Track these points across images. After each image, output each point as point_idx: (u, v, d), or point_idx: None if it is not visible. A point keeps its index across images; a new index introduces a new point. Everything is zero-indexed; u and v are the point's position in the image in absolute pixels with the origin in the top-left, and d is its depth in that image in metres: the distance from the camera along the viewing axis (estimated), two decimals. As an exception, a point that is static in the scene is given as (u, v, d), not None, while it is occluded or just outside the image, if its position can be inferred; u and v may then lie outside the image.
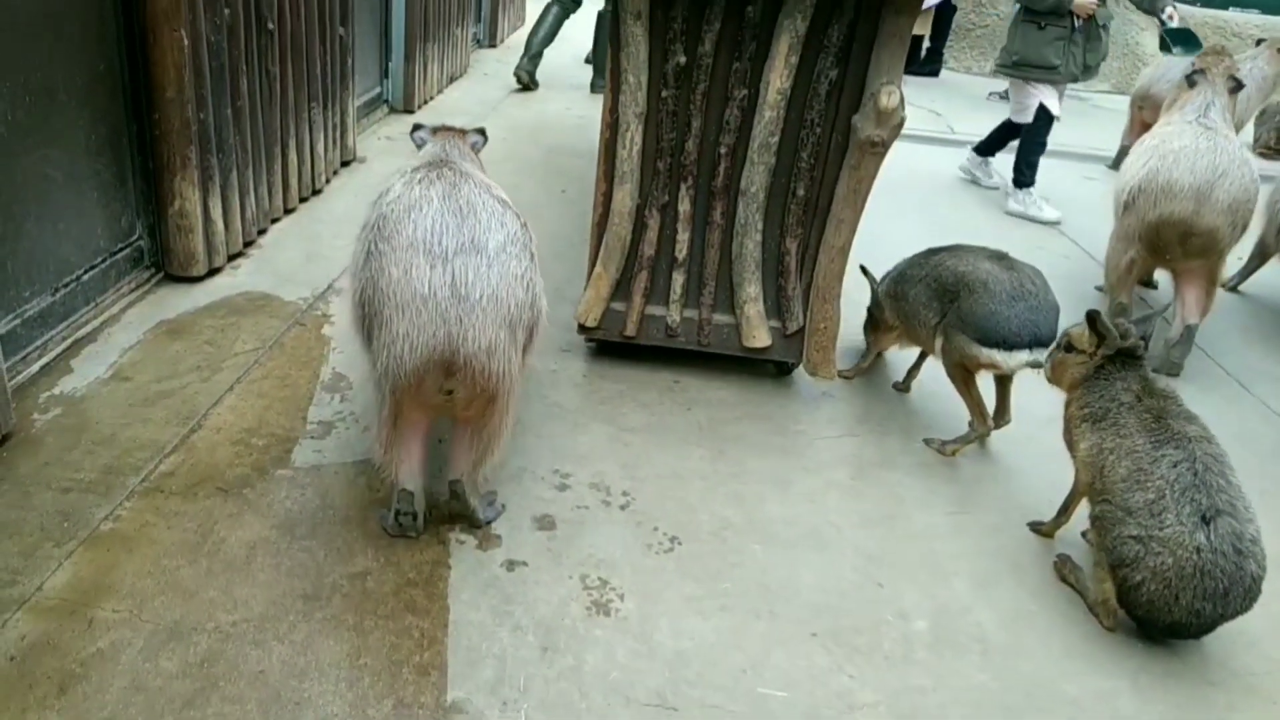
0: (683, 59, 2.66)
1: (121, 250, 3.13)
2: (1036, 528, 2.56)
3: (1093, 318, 2.29)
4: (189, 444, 2.49)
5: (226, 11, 3.20)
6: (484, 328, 1.92)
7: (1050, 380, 2.51)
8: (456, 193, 2.02)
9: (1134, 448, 2.16)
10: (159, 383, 2.73)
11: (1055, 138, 7.12)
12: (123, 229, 3.13)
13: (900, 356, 3.32)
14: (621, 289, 2.96)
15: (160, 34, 2.94)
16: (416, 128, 2.50)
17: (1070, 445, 2.39)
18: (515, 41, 8.46)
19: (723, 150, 2.76)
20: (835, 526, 2.50)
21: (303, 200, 4.17)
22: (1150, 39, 10.37)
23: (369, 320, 2.00)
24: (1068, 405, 2.41)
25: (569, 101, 6.68)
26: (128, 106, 3.03)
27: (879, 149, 2.59)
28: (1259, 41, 6.79)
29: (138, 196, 3.17)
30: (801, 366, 3.01)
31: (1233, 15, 10.91)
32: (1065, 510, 2.51)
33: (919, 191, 5.48)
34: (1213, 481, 2.07)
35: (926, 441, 2.92)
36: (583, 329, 3.01)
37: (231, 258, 3.54)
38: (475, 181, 2.11)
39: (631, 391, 3.01)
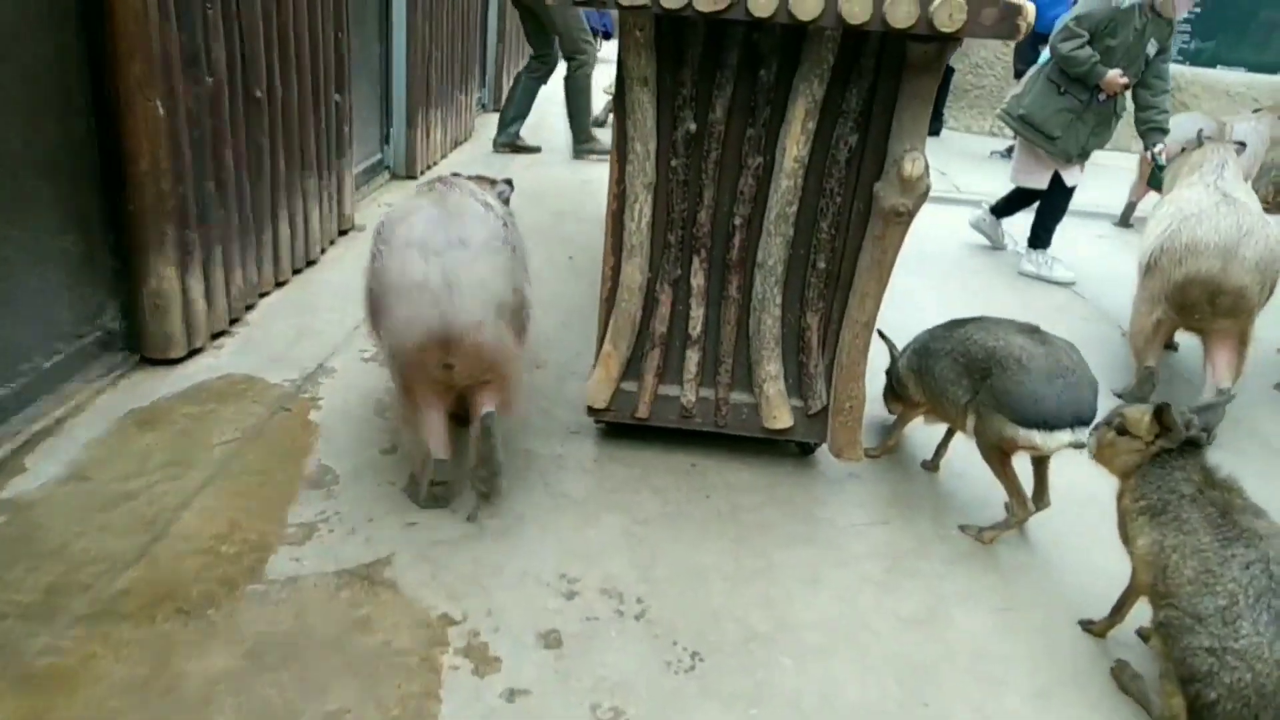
0: (693, 126, 2.49)
1: (90, 334, 2.91)
2: (1088, 627, 2.32)
3: (1161, 410, 2.06)
4: (150, 555, 2.22)
5: (209, 80, 3.04)
6: (472, 308, 2.24)
7: (1096, 460, 2.28)
8: (445, 200, 2.39)
9: (1200, 546, 1.92)
10: (123, 482, 2.48)
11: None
12: (91, 311, 2.92)
13: (927, 433, 3.09)
14: (632, 368, 2.74)
15: (134, 104, 2.76)
16: (454, 175, 2.83)
17: (1126, 540, 2.15)
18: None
19: (737, 221, 2.57)
20: (872, 631, 2.24)
21: (296, 272, 3.98)
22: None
23: (377, 312, 2.36)
24: (1120, 496, 2.18)
25: (574, 165, 6.57)
26: (99, 181, 2.84)
27: (904, 218, 2.40)
28: (1256, 110, 6.79)
29: (109, 276, 2.96)
30: (826, 448, 2.78)
31: (1220, 74, 11.05)
32: (1120, 609, 2.26)
33: (929, 253, 5.32)
34: None
35: (962, 528, 2.68)
36: (592, 411, 2.79)
37: (214, 337, 3.33)
38: (463, 189, 2.46)
39: (645, 476, 2.78)
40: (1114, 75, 4.63)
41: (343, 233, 4.46)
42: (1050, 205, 5.18)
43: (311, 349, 3.35)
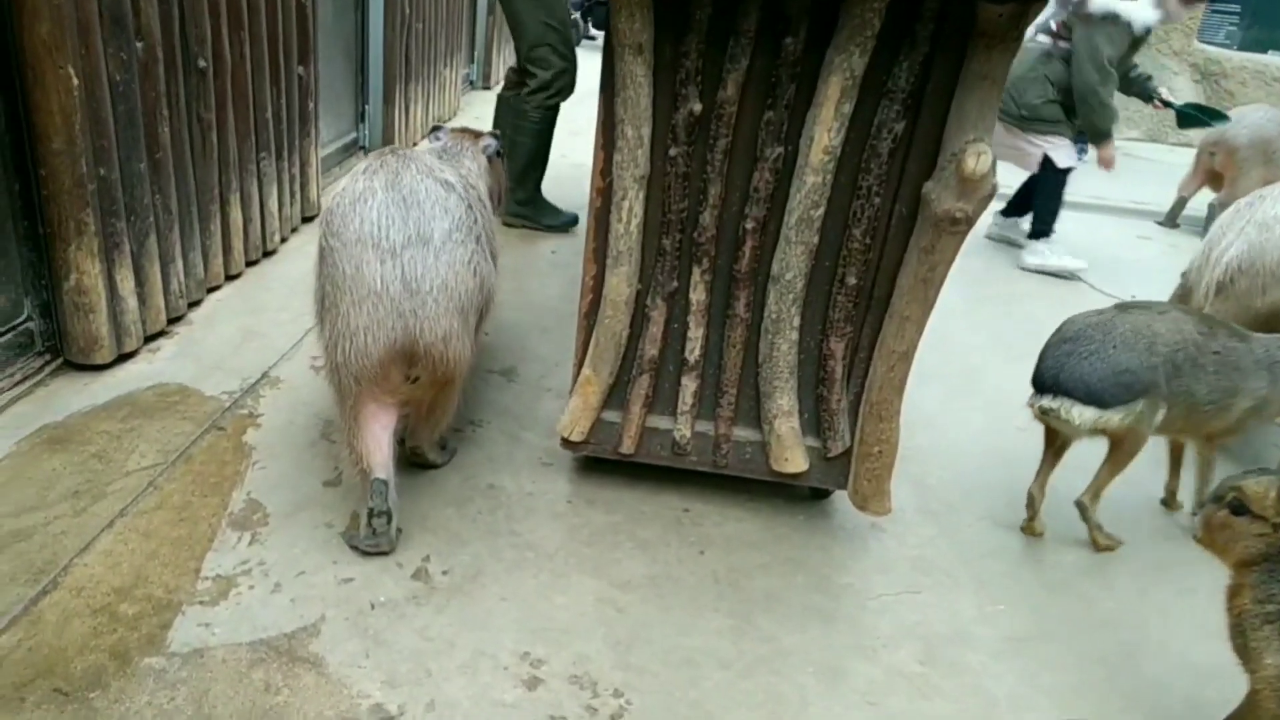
0: (698, 106, 2.04)
1: (3, 334, 2.51)
2: None
3: None
4: (35, 614, 1.84)
5: (138, 45, 2.60)
6: (438, 318, 2.04)
7: (1204, 545, 1.82)
8: (399, 181, 2.09)
9: (1359, 680, 1.47)
10: (16, 517, 2.10)
11: (1093, 190, 6.50)
12: (4, 309, 2.52)
13: (966, 470, 2.65)
14: (616, 396, 2.31)
15: (43, 72, 2.34)
16: (435, 128, 2.70)
17: (1241, 653, 1.68)
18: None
19: (749, 225, 2.12)
20: (904, 745, 1.82)
21: (251, 264, 3.56)
22: (1183, 82, 9.85)
23: (328, 313, 2.10)
24: (1235, 593, 1.71)
25: (563, 147, 6.06)
26: (8, 160, 2.43)
27: (960, 226, 1.94)
28: None
29: (24, 269, 2.55)
30: (848, 498, 2.34)
31: (1272, 59, 10.39)
32: None
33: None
34: None
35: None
36: (566, 443, 2.36)
37: (150, 338, 2.93)
38: (418, 166, 2.15)
39: (628, 525, 2.35)
40: (1112, 153, 4.73)
41: (307, 219, 4.03)
42: (1045, 189, 4.82)
43: (257, 354, 2.94)
